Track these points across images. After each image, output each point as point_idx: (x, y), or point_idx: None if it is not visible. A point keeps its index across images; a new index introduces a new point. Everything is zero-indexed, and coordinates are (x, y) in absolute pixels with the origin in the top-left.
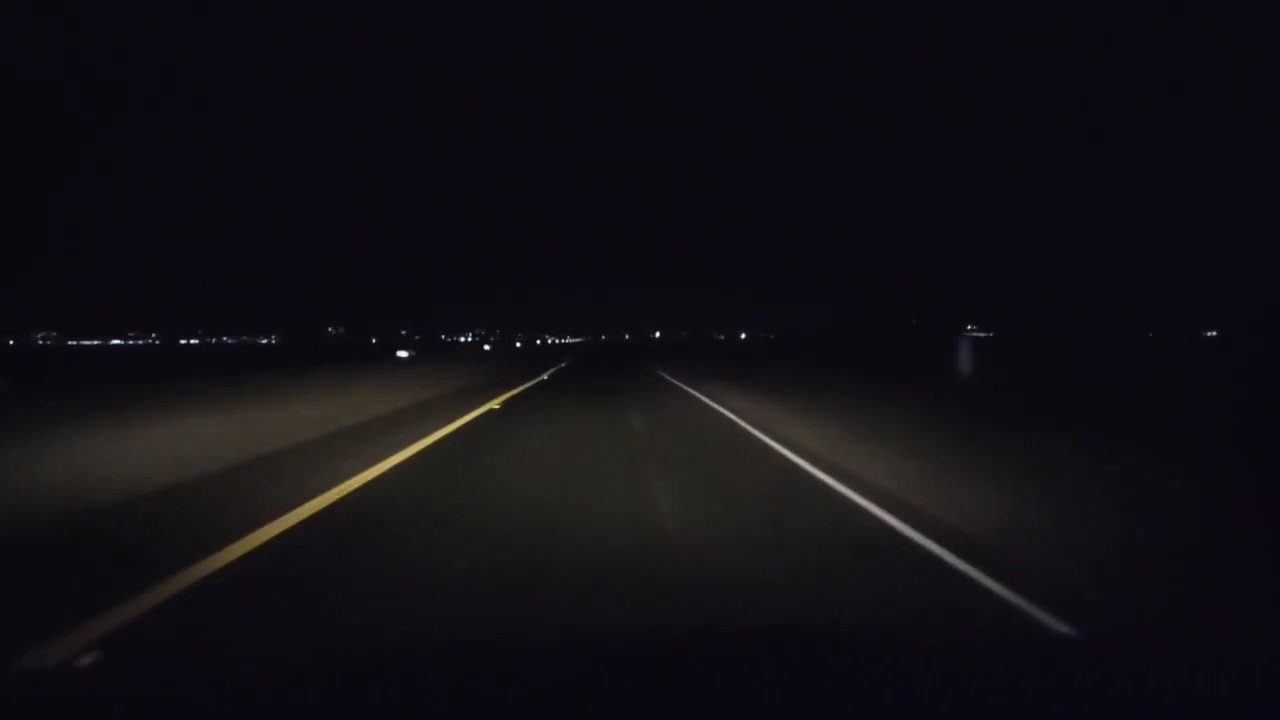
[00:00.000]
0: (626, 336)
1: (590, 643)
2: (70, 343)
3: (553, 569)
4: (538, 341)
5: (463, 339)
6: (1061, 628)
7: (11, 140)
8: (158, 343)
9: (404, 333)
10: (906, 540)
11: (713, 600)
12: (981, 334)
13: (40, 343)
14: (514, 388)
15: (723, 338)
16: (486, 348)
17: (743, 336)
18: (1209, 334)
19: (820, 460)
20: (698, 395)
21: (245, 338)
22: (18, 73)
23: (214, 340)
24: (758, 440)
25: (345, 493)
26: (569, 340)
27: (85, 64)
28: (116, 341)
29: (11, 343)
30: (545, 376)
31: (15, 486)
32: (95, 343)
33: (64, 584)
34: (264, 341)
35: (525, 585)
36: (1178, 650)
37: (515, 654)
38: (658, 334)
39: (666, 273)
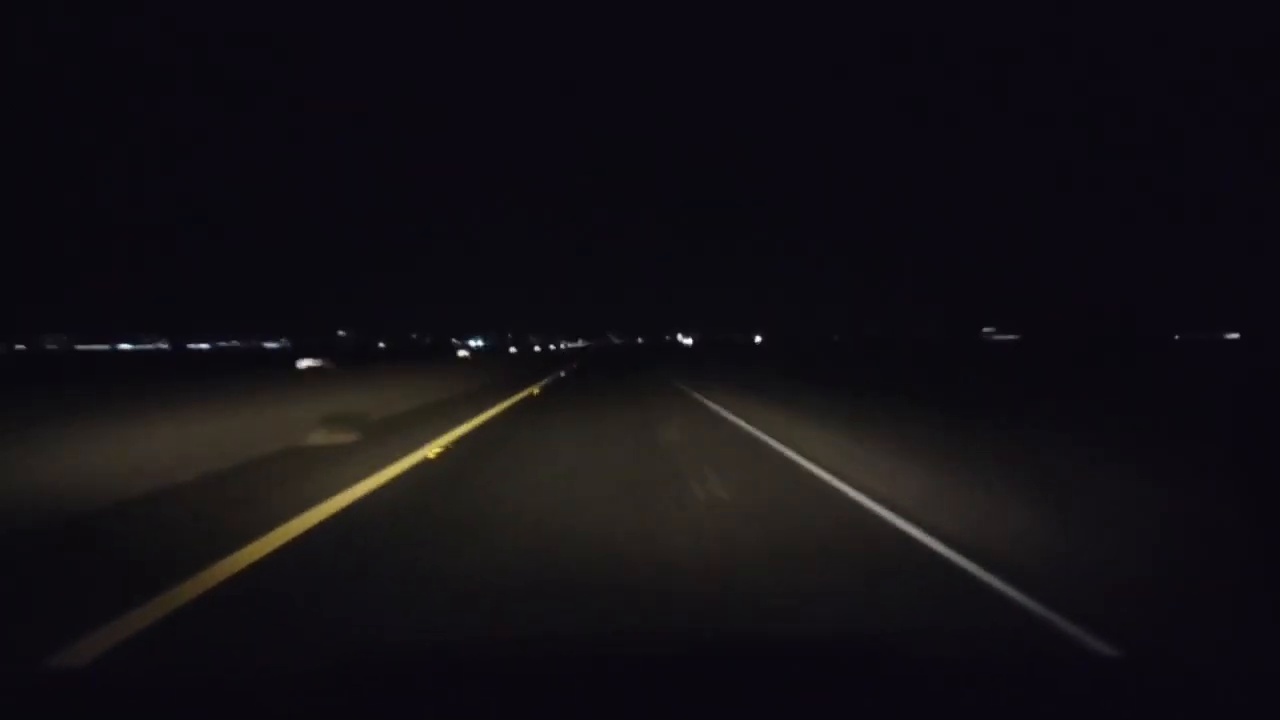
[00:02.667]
0: (640, 340)
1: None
2: (78, 347)
3: None
4: (536, 348)
5: (473, 343)
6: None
7: (30, 141)
8: (166, 347)
9: (414, 336)
10: None
11: None
12: (1004, 337)
13: (49, 348)
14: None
15: (734, 340)
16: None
17: (757, 340)
18: (1230, 336)
19: None
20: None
21: (253, 341)
22: (35, 71)
23: (223, 344)
24: None
25: None
26: (577, 344)
27: (99, 66)
28: (125, 346)
29: (20, 348)
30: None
31: None
32: (104, 348)
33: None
34: (272, 345)
35: None
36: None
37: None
38: (680, 336)
39: (666, 275)
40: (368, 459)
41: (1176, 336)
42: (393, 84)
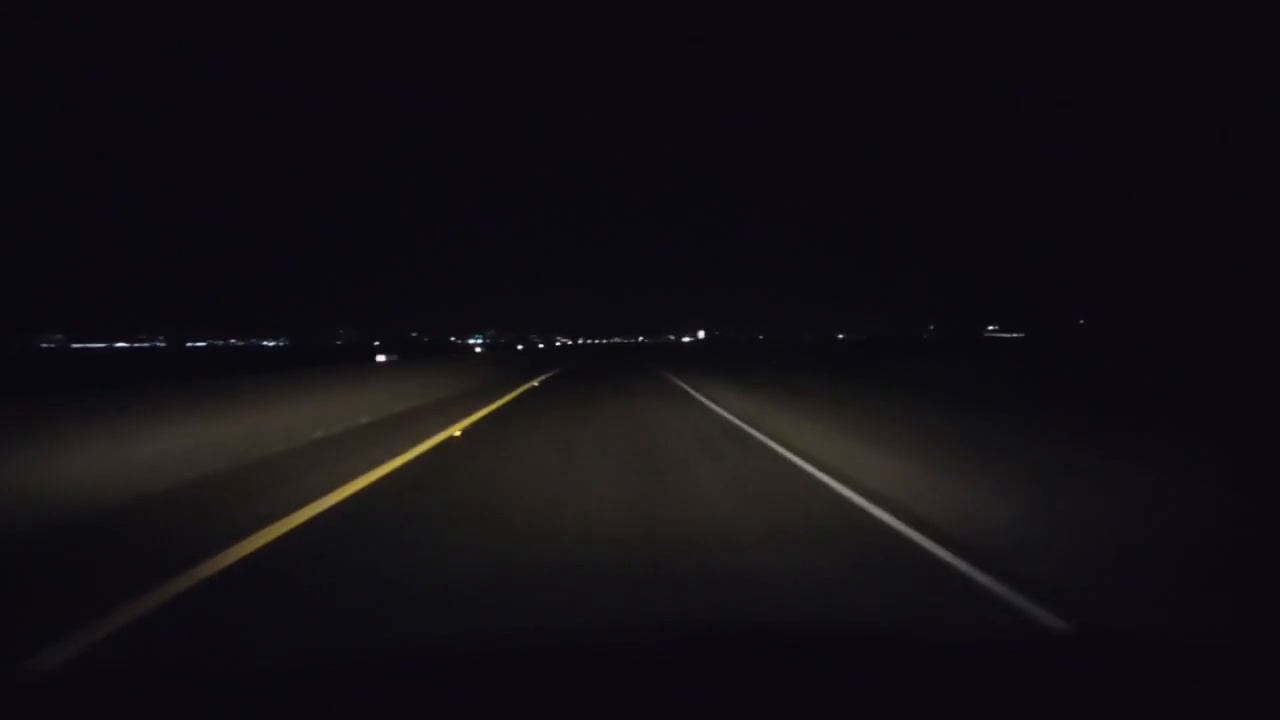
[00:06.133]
0: (641, 339)
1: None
2: (74, 346)
3: None
4: (518, 346)
5: (473, 341)
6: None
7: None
8: (163, 345)
9: (414, 334)
10: None
11: None
12: (1007, 335)
13: (44, 346)
14: None
15: (734, 338)
16: None
17: (760, 338)
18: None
19: None
20: None
21: (253, 340)
22: (34, 78)
23: (222, 343)
24: None
25: None
26: (563, 343)
27: (97, 69)
28: (122, 344)
29: (19, 347)
30: None
31: None
32: (100, 346)
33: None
34: (271, 344)
35: None
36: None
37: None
38: (700, 334)
39: (665, 275)
40: None
41: (1183, 333)
42: (393, 84)
